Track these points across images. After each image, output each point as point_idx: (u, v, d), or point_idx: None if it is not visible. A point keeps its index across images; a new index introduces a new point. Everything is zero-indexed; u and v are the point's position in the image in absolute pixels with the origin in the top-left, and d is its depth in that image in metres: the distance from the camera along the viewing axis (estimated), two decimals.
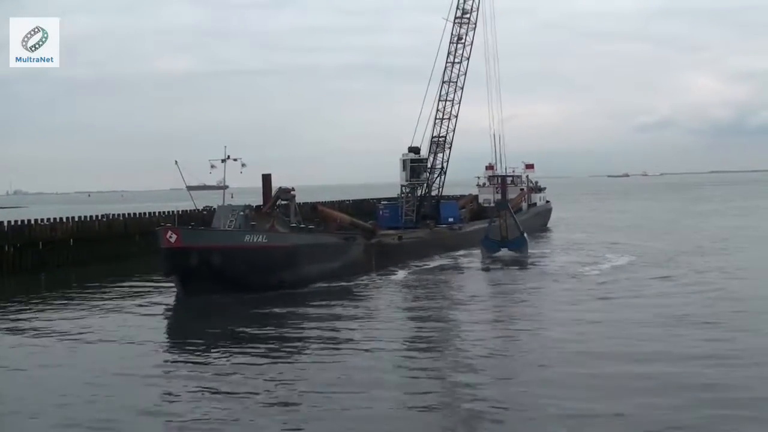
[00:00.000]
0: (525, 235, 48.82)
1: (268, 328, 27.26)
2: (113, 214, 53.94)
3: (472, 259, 47.09)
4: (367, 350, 22.82)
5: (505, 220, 48.05)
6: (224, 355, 22.98)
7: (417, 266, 44.11)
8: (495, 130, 63.19)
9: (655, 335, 23.19)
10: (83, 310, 32.07)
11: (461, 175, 59.33)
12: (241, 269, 34.21)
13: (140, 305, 33.14)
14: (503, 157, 68.64)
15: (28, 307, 33.11)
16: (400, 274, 41.21)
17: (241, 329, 26.96)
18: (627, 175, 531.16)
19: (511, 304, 31.82)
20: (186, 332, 27.85)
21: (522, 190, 75.98)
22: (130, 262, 48.74)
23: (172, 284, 35.39)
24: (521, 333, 24.92)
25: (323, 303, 32.21)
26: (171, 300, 34.23)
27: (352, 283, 37.74)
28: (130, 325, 28.34)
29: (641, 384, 18.00)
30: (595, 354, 21.27)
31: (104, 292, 36.94)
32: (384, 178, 75.47)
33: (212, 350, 23.85)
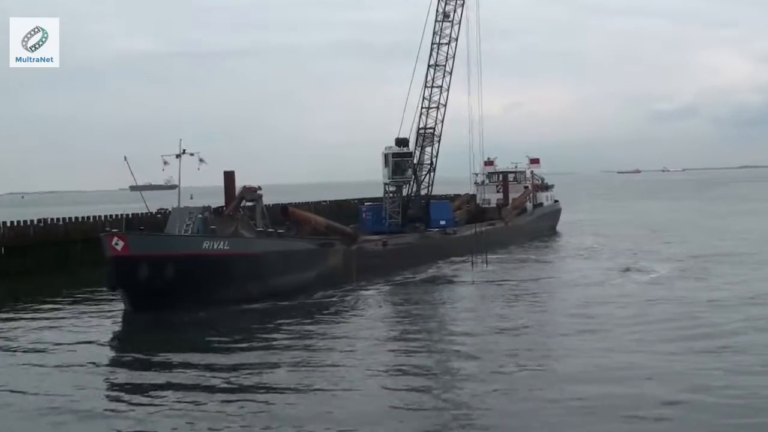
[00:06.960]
0: None
1: (227, 353, 26.73)
2: (52, 218, 53.47)
3: (468, 269, 46.65)
4: (339, 381, 22.34)
5: None
6: (173, 388, 22.38)
7: (404, 277, 43.96)
8: (474, 120, 62.32)
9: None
10: (15, 329, 31.62)
11: (444, 172, 58.26)
12: (198, 281, 34.07)
13: (81, 323, 32.86)
14: (480, 152, 68.47)
15: None
16: (383, 288, 40.91)
17: (195, 354, 26.47)
18: (638, 171, 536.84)
19: (515, 343, 27.13)
20: (133, 357, 27.27)
21: (526, 188, 76.00)
22: (71, 272, 48.30)
23: (119, 299, 35.06)
24: (527, 385, 21.59)
25: (293, 323, 31.80)
26: (118, 318, 33.88)
27: (328, 298, 37.44)
28: (68, 348, 27.97)
29: None
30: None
31: (40, 308, 36.43)
32: (369, 175, 74.81)
33: (160, 380, 23.49)
